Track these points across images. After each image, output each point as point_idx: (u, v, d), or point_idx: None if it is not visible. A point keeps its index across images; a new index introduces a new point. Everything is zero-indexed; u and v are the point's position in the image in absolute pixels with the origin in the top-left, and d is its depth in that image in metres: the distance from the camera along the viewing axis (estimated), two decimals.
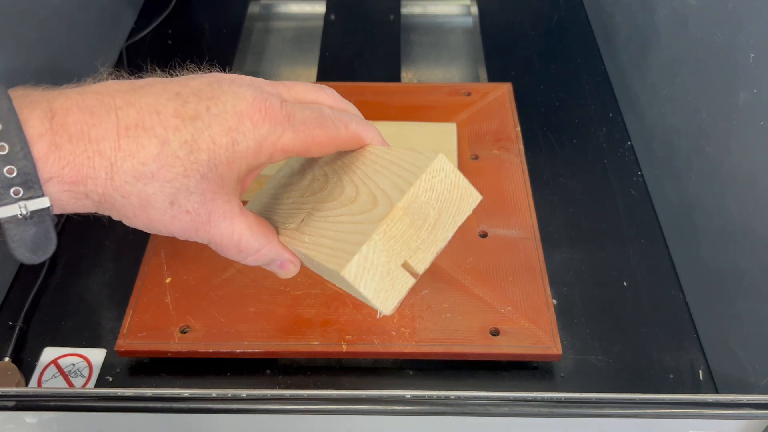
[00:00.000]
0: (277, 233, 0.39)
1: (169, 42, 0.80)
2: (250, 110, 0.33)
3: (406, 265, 0.34)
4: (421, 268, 0.34)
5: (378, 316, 0.39)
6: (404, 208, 0.33)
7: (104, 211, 0.33)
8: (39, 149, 0.30)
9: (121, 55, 0.77)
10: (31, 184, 0.30)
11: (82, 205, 0.32)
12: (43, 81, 0.66)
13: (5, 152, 0.29)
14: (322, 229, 0.36)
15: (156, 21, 0.82)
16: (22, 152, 0.29)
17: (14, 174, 0.29)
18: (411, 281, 0.34)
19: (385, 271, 0.33)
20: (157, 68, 0.37)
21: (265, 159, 0.35)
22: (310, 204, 0.39)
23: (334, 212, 0.36)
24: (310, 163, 0.42)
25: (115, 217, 0.34)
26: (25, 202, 0.30)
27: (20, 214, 0.30)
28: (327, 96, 0.38)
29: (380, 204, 0.34)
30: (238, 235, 0.36)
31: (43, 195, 0.30)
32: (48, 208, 0.30)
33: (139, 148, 0.31)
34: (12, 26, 0.58)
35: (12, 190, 0.29)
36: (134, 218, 0.33)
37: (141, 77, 0.35)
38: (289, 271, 0.39)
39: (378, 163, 0.37)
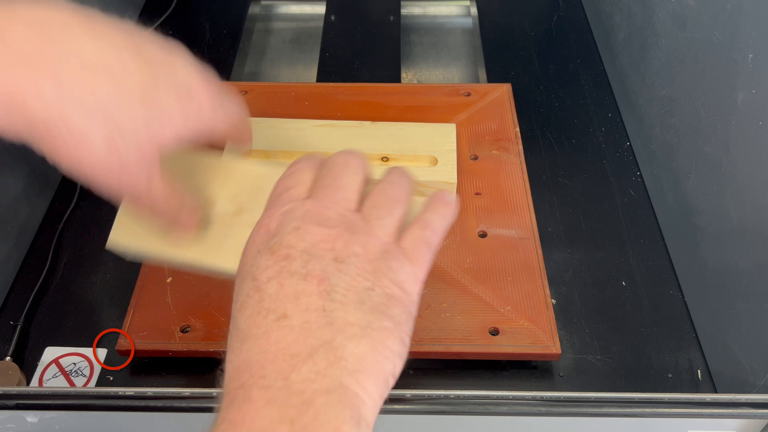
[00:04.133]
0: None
1: None
2: (196, 84, 0.36)
3: None
4: None
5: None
6: None
7: (35, 140, 0.32)
8: None
9: None
10: None
11: (11, 123, 0.31)
12: None
13: None
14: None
15: (157, 21, 0.82)
16: None
17: None
18: None
19: None
20: None
21: (202, 134, 0.37)
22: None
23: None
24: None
25: (40, 144, 0.32)
26: None
27: None
28: None
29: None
30: (153, 187, 0.36)
31: None
32: None
33: (98, 83, 0.31)
34: None
35: None
36: (65, 153, 0.32)
37: None
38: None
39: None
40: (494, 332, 0.48)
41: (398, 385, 0.48)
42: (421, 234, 0.35)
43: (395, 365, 0.32)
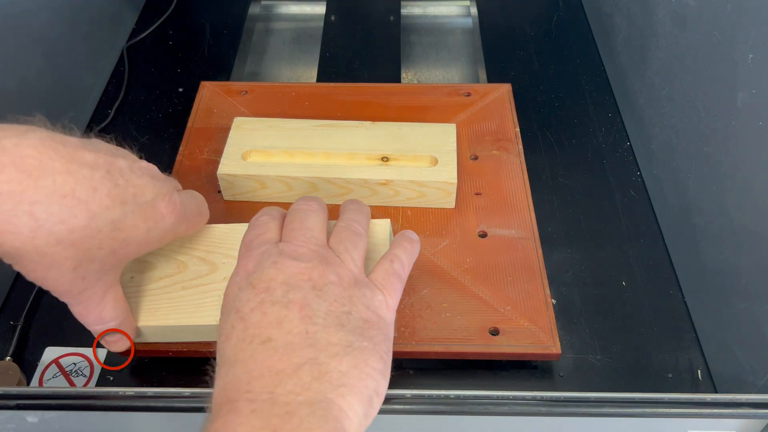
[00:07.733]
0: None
1: (170, 43, 0.80)
2: (163, 204, 0.38)
3: None
4: None
5: None
6: None
7: (6, 259, 0.35)
8: None
9: (122, 55, 0.77)
10: None
11: None
12: (44, 81, 0.67)
13: None
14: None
15: (157, 22, 0.82)
16: None
17: None
18: None
19: None
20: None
21: (163, 244, 0.40)
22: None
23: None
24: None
25: (10, 262, 0.35)
26: None
27: None
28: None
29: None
30: (104, 304, 0.39)
31: None
32: None
33: (70, 217, 0.34)
34: (12, 26, 0.58)
35: None
36: (32, 272, 0.35)
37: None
38: (118, 346, 0.44)
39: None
40: (494, 332, 0.48)
41: (398, 384, 0.48)
42: (391, 267, 0.39)
43: (378, 383, 0.33)
